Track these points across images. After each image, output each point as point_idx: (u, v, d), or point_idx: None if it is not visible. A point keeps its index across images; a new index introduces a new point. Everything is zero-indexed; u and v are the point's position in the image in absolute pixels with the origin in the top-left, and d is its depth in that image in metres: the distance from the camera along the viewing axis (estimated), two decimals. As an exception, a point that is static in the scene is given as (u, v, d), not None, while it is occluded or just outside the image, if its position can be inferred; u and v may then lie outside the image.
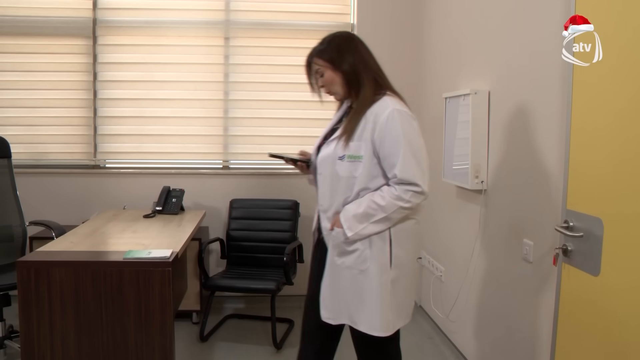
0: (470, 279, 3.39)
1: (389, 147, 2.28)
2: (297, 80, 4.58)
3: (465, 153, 3.27)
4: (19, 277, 2.79)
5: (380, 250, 2.35)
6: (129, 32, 4.60)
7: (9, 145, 3.98)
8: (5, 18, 4.51)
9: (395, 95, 2.43)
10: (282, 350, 3.77)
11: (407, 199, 2.26)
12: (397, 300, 2.40)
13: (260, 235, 4.30)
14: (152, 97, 4.60)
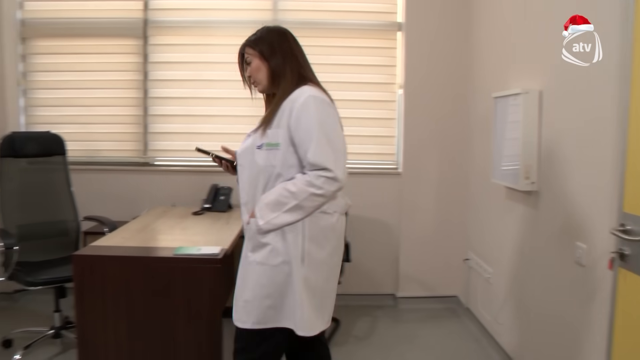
0: (520, 281, 3.33)
1: (303, 133, 2.21)
2: (345, 80, 4.58)
3: (515, 154, 3.21)
4: (74, 270, 2.86)
5: (293, 244, 2.25)
6: (179, 32, 4.66)
7: (65, 143, 4.10)
8: (61, 20, 4.64)
9: (317, 86, 2.38)
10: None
11: (319, 184, 2.17)
12: (315, 300, 2.29)
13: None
14: (200, 96, 4.66)
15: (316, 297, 2.29)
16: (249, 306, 2.31)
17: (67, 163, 4.09)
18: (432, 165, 4.54)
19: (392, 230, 4.62)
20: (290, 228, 2.25)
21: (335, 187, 2.19)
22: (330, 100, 2.34)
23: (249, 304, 2.31)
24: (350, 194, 4.39)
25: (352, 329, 4.14)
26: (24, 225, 3.85)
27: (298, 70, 2.38)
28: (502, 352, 3.59)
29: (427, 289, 4.63)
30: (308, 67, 2.45)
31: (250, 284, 2.32)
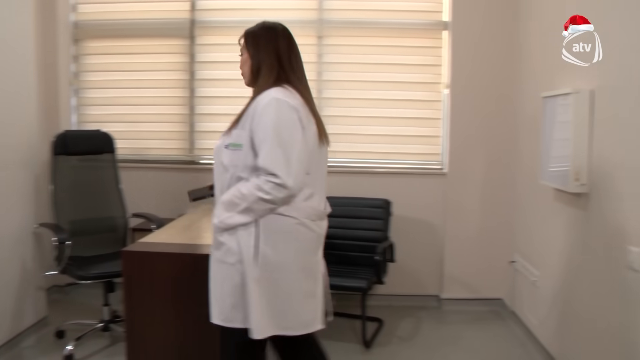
0: (568, 285, 3.26)
1: (260, 135, 2.16)
2: (390, 79, 4.57)
3: (564, 155, 3.14)
4: (124, 265, 2.92)
5: (245, 244, 2.22)
6: (224, 32, 4.72)
7: (114, 141, 4.19)
8: (112, 22, 4.78)
9: (295, 88, 2.29)
10: (371, 349, 3.77)
11: (266, 189, 2.11)
12: (269, 302, 2.24)
13: (352, 234, 4.30)
14: (245, 95, 4.65)
15: (271, 299, 2.24)
16: (214, 302, 2.34)
17: (116, 161, 4.19)
18: (478, 165, 4.49)
19: (436, 231, 4.59)
20: (244, 228, 2.22)
21: (283, 194, 2.14)
22: (302, 104, 2.25)
23: (214, 299, 2.34)
24: (396, 194, 4.42)
25: (395, 330, 4.12)
26: (75, 221, 3.96)
27: (277, 70, 2.32)
28: (548, 358, 3.52)
29: (471, 290, 4.58)
30: (293, 68, 2.36)
31: (212, 280, 2.35)
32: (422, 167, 4.65)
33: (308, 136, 2.23)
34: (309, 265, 2.34)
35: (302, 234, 2.29)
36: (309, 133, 2.24)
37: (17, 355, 3.58)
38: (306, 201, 2.28)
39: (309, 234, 2.31)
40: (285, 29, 2.44)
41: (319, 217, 2.37)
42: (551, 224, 3.56)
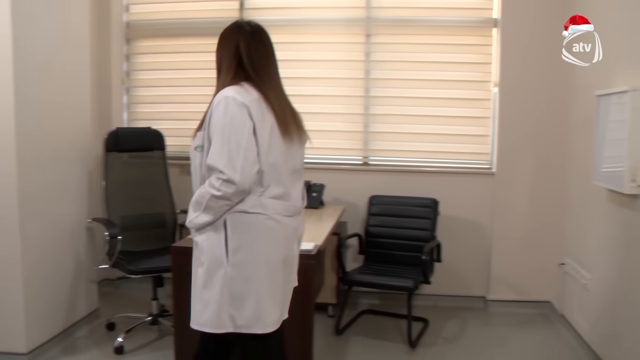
0: (622, 289, 3.17)
1: (210, 134, 2.18)
2: (439, 78, 4.53)
3: (618, 155, 3.06)
4: (173, 261, 2.98)
5: (216, 242, 2.23)
6: (273, 31, 4.57)
7: (164, 138, 4.27)
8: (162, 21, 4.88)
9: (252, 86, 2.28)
10: (416, 349, 3.74)
11: (216, 186, 2.12)
12: (232, 298, 2.23)
13: (399, 233, 4.29)
14: (294, 94, 4.60)
15: (234, 295, 2.24)
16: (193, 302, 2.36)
17: (166, 158, 4.27)
18: (528, 165, 4.41)
19: (484, 231, 4.53)
20: (213, 228, 2.24)
21: (231, 189, 2.13)
22: (257, 100, 2.23)
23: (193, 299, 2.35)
24: (443, 193, 4.38)
25: (441, 330, 4.09)
26: (126, 216, 4.05)
27: (235, 69, 2.31)
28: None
29: (519, 292, 4.51)
30: (254, 66, 2.33)
31: (192, 280, 2.36)
32: (470, 167, 4.60)
33: (262, 132, 2.21)
34: (280, 261, 2.32)
35: (272, 229, 2.28)
36: (262, 129, 2.22)
37: (71, 345, 3.69)
38: (274, 197, 2.28)
39: (280, 229, 2.30)
40: (253, 27, 2.42)
41: (291, 212, 2.36)
42: (604, 225, 3.47)
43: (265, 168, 2.23)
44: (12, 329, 3.35)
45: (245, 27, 2.39)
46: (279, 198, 2.29)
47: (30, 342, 3.41)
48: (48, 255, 3.56)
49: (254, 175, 2.18)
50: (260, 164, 2.20)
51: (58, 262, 3.68)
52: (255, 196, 2.23)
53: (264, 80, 2.32)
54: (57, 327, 3.68)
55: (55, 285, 3.64)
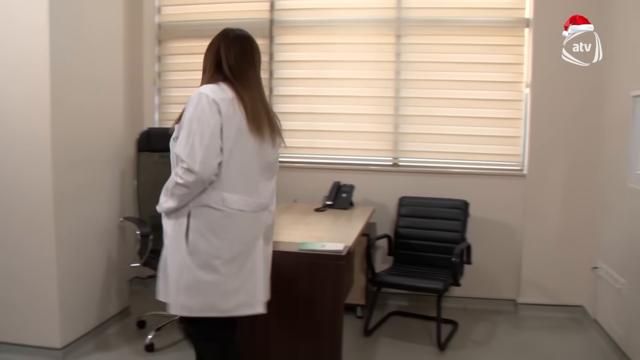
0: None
1: (182, 126, 2.40)
2: (469, 78, 4.50)
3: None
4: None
5: (178, 230, 2.42)
6: (303, 32, 4.77)
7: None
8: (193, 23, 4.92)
9: (228, 85, 2.45)
10: (445, 352, 3.72)
11: (180, 174, 2.32)
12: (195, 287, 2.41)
13: (429, 234, 4.27)
14: (324, 94, 4.73)
15: (188, 283, 2.42)
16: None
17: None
18: (560, 167, 4.35)
19: (515, 234, 4.48)
20: (176, 215, 2.45)
21: (192, 178, 2.30)
22: (230, 98, 2.40)
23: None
24: (473, 194, 4.35)
25: (470, 333, 4.06)
26: (157, 216, 4.04)
27: (214, 70, 2.50)
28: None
29: (550, 296, 4.45)
30: (231, 68, 2.49)
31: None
32: (501, 168, 4.55)
33: (229, 129, 2.37)
34: (236, 255, 2.45)
35: (230, 225, 2.43)
36: (230, 126, 2.38)
37: (103, 342, 3.75)
38: (237, 193, 2.43)
39: (239, 225, 2.45)
40: (237, 33, 2.56)
41: (254, 208, 2.50)
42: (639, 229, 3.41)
43: (229, 164, 2.40)
44: (47, 325, 3.44)
45: (230, 33, 2.55)
46: (242, 194, 2.45)
47: (65, 338, 3.49)
48: (81, 254, 3.63)
49: (214, 167, 2.34)
50: (223, 158, 2.37)
51: (90, 261, 3.74)
52: (218, 191, 2.40)
53: (240, 82, 2.47)
54: (90, 324, 3.74)
55: (87, 283, 3.70)
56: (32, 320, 3.46)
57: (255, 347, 3.00)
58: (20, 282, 3.45)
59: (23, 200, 3.39)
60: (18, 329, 3.49)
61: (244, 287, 2.49)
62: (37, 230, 3.39)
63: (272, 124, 2.57)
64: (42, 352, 3.45)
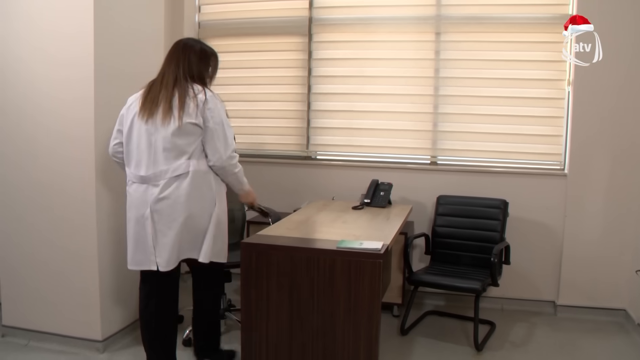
0: None
1: None
2: (510, 76, 4.44)
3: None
4: (242, 256, 3.02)
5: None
6: (342, 30, 4.76)
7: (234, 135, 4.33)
8: (233, 21, 4.96)
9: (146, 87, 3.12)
10: (482, 353, 3.69)
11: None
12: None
13: (467, 234, 4.23)
14: (362, 92, 4.73)
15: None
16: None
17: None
18: (602, 166, 4.26)
19: (555, 234, 4.41)
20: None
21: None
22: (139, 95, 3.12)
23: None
24: (512, 194, 4.30)
25: (508, 335, 4.01)
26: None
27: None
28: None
29: (590, 298, 4.37)
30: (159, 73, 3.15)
31: None
32: (541, 167, 4.48)
33: (126, 118, 3.08)
34: (134, 217, 3.04)
35: (129, 195, 3.07)
36: (127, 115, 3.07)
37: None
38: (129, 167, 3.06)
39: (133, 194, 3.05)
40: (181, 42, 3.21)
41: (139, 180, 3.01)
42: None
43: (127, 144, 3.05)
44: (89, 317, 3.55)
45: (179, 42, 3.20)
46: (133, 168, 3.04)
47: (105, 331, 3.59)
48: (120, 250, 3.67)
49: (112, 146, 3.17)
50: (122, 140, 3.09)
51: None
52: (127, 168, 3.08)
53: (158, 81, 3.08)
54: (130, 318, 3.82)
55: (126, 278, 3.75)
56: (75, 313, 3.57)
57: (292, 345, 3.02)
58: (64, 277, 3.56)
59: (67, 199, 3.50)
60: (61, 321, 3.60)
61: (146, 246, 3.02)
62: (79, 228, 3.50)
63: (165, 110, 2.95)
64: (84, 343, 3.56)
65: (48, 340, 3.62)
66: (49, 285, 3.60)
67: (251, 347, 3.08)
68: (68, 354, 3.51)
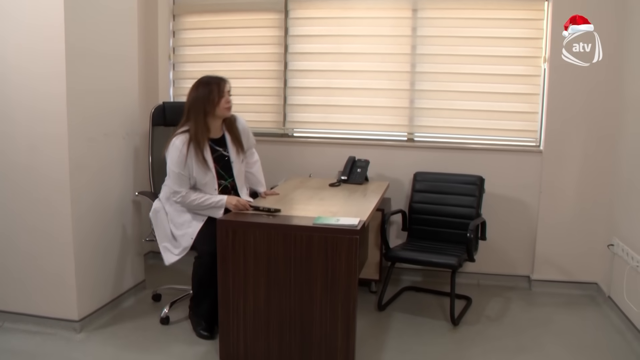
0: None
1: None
2: (487, 53, 4.44)
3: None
4: (219, 234, 3.02)
5: None
6: (318, 6, 4.71)
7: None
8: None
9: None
10: (459, 327, 3.73)
11: None
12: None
13: (443, 210, 4.25)
14: (339, 69, 4.69)
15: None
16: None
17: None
18: (577, 143, 4.30)
19: (530, 210, 4.46)
20: None
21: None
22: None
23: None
24: (489, 170, 4.33)
25: (483, 309, 4.06)
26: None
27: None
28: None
29: (564, 273, 4.43)
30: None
31: None
32: (517, 144, 4.51)
33: None
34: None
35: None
36: None
37: (119, 315, 3.80)
38: None
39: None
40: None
41: None
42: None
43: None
44: (65, 297, 3.51)
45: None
46: None
47: (82, 310, 3.55)
48: (97, 229, 3.67)
49: None
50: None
51: (106, 235, 3.78)
52: None
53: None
54: (106, 297, 3.79)
55: (103, 257, 3.75)
56: (50, 293, 3.52)
57: (270, 322, 3.03)
58: (38, 257, 3.51)
59: (40, 177, 3.42)
60: (37, 302, 3.55)
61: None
62: (54, 206, 3.43)
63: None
64: (60, 323, 3.52)
65: (23, 321, 3.57)
66: (23, 265, 3.54)
67: (228, 323, 3.09)
68: (44, 335, 3.47)
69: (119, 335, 3.52)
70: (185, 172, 3.40)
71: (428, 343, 3.50)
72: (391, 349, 3.41)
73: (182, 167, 3.38)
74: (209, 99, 3.44)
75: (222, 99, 3.48)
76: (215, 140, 3.58)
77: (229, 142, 3.63)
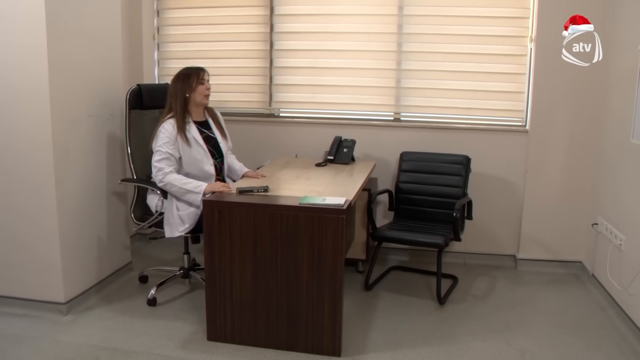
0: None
1: None
2: (473, 32, 4.42)
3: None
4: (205, 214, 3.01)
5: None
6: (304, -16, 4.67)
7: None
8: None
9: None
10: (445, 306, 3.76)
11: None
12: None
13: (430, 189, 4.26)
14: (325, 49, 4.66)
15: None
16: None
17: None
18: (563, 123, 4.31)
19: (515, 190, 4.48)
20: None
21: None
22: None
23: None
24: (475, 150, 4.34)
25: (470, 288, 4.09)
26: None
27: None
28: (631, 325, 3.39)
29: (549, 252, 4.47)
30: None
31: None
32: (503, 124, 4.51)
33: None
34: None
35: None
36: None
37: (106, 296, 3.79)
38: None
39: None
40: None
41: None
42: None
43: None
44: (51, 280, 3.49)
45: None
46: None
47: (68, 293, 3.53)
48: (82, 211, 3.65)
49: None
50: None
51: (92, 217, 3.76)
52: None
53: None
54: (93, 279, 3.78)
55: (89, 239, 3.72)
56: (36, 275, 3.50)
57: (257, 302, 3.03)
58: (23, 240, 3.48)
59: (23, 158, 3.38)
60: (23, 285, 3.54)
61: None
62: (38, 188, 3.39)
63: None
64: (47, 306, 3.50)
65: (9, 304, 3.55)
66: (8, 248, 3.51)
67: (215, 303, 3.09)
68: (31, 317, 3.45)
69: (105, 317, 3.51)
70: (175, 153, 3.44)
71: (414, 322, 3.52)
72: (378, 328, 3.43)
73: (170, 147, 3.42)
74: (188, 84, 3.56)
75: (202, 86, 3.60)
76: (200, 123, 3.64)
77: (212, 126, 3.72)
